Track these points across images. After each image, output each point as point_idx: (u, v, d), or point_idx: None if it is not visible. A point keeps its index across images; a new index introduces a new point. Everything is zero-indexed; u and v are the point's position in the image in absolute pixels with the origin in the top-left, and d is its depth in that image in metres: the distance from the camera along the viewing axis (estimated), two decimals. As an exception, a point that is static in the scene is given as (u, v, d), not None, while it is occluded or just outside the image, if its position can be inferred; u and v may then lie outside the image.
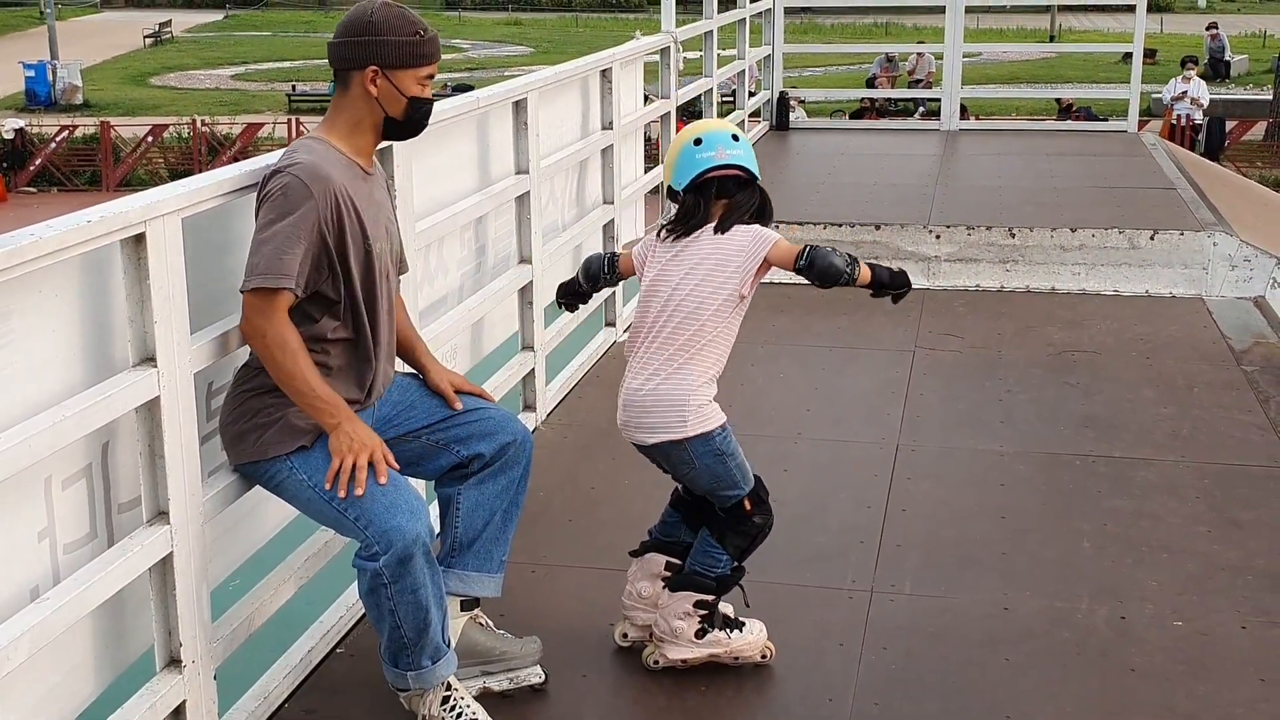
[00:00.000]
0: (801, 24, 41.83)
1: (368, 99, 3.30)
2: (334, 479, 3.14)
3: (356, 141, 3.34)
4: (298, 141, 3.33)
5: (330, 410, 3.17)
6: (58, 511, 2.88)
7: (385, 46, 3.27)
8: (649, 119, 7.49)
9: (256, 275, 3.07)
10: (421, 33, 3.32)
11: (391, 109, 3.32)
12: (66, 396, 2.78)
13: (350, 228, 3.21)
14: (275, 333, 3.10)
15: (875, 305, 3.77)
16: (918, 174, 9.63)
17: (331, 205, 3.16)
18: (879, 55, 30.25)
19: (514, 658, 3.60)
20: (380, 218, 3.37)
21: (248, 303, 3.10)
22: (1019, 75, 34.24)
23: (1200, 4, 55.70)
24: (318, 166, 3.17)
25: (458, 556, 3.54)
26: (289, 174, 3.13)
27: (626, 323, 6.77)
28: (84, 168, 25.34)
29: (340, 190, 3.18)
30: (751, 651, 3.73)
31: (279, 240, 3.08)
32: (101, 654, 3.06)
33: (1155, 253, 7.53)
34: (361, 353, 3.32)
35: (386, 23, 3.28)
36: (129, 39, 45.38)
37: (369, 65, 3.28)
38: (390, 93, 3.30)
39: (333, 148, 3.28)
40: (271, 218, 3.10)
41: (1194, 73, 23.04)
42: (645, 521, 4.63)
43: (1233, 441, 5.36)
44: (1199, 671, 3.72)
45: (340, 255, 3.20)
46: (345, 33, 3.32)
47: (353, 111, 3.32)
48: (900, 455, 5.24)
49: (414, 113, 3.36)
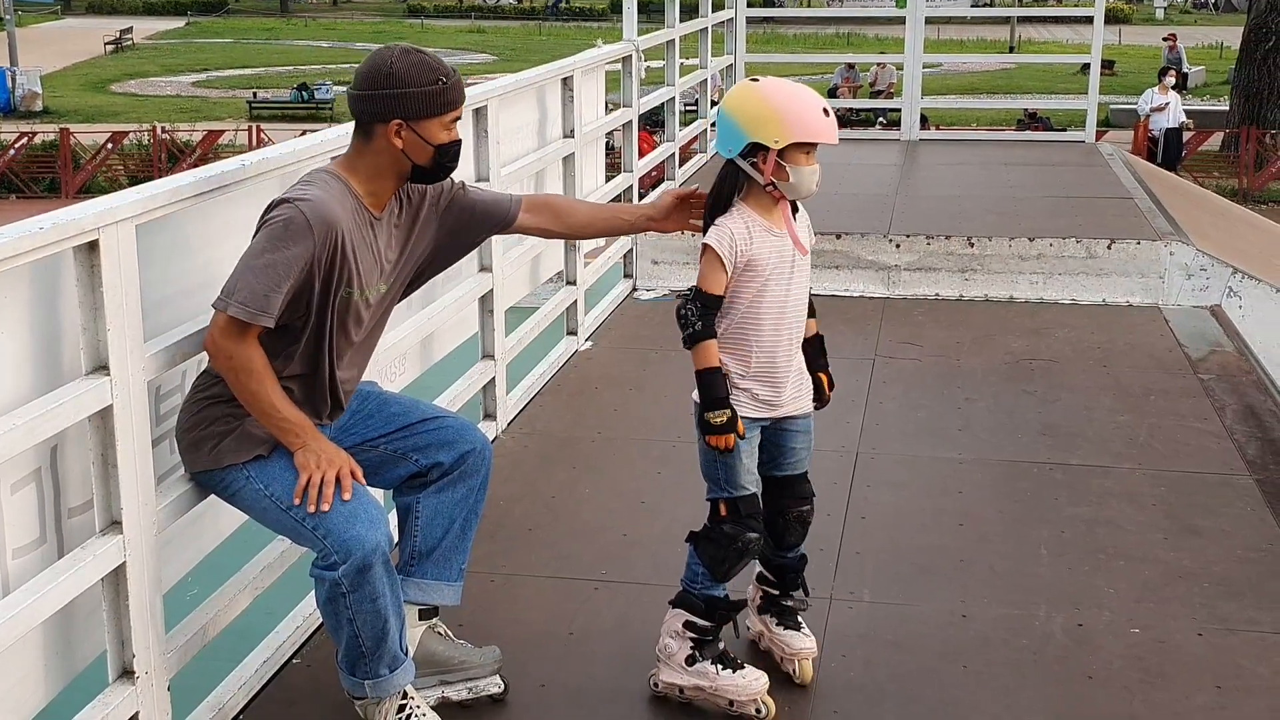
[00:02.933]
0: (764, 34, 42.02)
1: (392, 150, 3.22)
2: (302, 494, 3.11)
3: (375, 186, 3.27)
4: (315, 173, 3.25)
5: (295, 430, 3.14)
6: (6, 516, 2.84)
7: (408, 99, 3.18)
8: (611, 127, 7.49)
9: (236, 302, 3.01)
10: (444, 79, 3.22)
11: (419, 159, 3.24)
12: (17, 404, 2.75)
13: (339, 274, 3.15)
14: (242, 356, 3.06)
15: (835, 313, 3.78)
16: (878, 183, 9.66)
17: (330, 248, 3.10)
18: (840, 65, 30.40)
19: (473, 667, 3.58)
20: (378, 260, 3.30)
21: (219, 322, 3.05)
22: (979, 86, 34.50)
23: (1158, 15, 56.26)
24: (327, 206, 3.10)
25: (417, 565, 3.52)
26: (296, 207, 3.07)
27: (589, 331, 6.77)
28: (43, 175, 25.14)
29: (344, 235, 3.13)
30: (741, 697, 3.49)
31: (269, 275, 3.02)
32: (51, 662, 3.02)
33: (1112, 262, 7.58)
34: (317, 387, 3.27)
35: (407, 74, 3.18)
36: (90, 46, 45.11)
37: (392, 119, 3.19)
38: (416, 144, 3.22)
39: (348, 189, 3.22)
40: (266, 247, 3.05)
41: (1171, 82, 23.20)
42: (605, 532, 4.64)
43: (1189, 449, 5.40)
44: (1156, 679, 3.73)
45: (321, 298, 3.15)
46: (365, 85, 3.21)
47: (375, 160, 3.24)
48: (860, 463, 5.25)
49: (442, 158, 3.28)
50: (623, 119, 7.56)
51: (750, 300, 3.43)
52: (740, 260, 3.40)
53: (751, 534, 3.46)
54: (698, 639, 3.52)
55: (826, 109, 3.37)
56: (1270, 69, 24.53)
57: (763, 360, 3.46)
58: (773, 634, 3.72)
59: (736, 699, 3.50)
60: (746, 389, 3.46)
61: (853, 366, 6.41)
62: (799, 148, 3.35)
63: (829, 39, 45.24)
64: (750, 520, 3.46)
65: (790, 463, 3.60)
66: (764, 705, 3.52)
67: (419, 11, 59.14)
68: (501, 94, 5.43)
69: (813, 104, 3.36)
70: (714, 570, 3.48)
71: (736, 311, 3.44)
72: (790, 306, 3.49)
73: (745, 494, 3.47)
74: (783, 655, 3.69)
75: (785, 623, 3.71)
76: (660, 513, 4.74)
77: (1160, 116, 22.60)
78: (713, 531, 3.49)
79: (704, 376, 3.39)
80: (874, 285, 7.74)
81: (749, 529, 3.45)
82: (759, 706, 3.51)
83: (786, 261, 3.46)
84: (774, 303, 3.45)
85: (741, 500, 3.46)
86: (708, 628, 3.52)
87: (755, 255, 3.41)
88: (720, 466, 3.45)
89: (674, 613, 3.58)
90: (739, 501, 3.46)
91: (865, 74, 30.01)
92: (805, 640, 3.68)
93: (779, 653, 3.71)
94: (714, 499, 3.50)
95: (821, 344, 3.66)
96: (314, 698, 3.60)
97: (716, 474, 3.47)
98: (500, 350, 5.49)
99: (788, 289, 3.47)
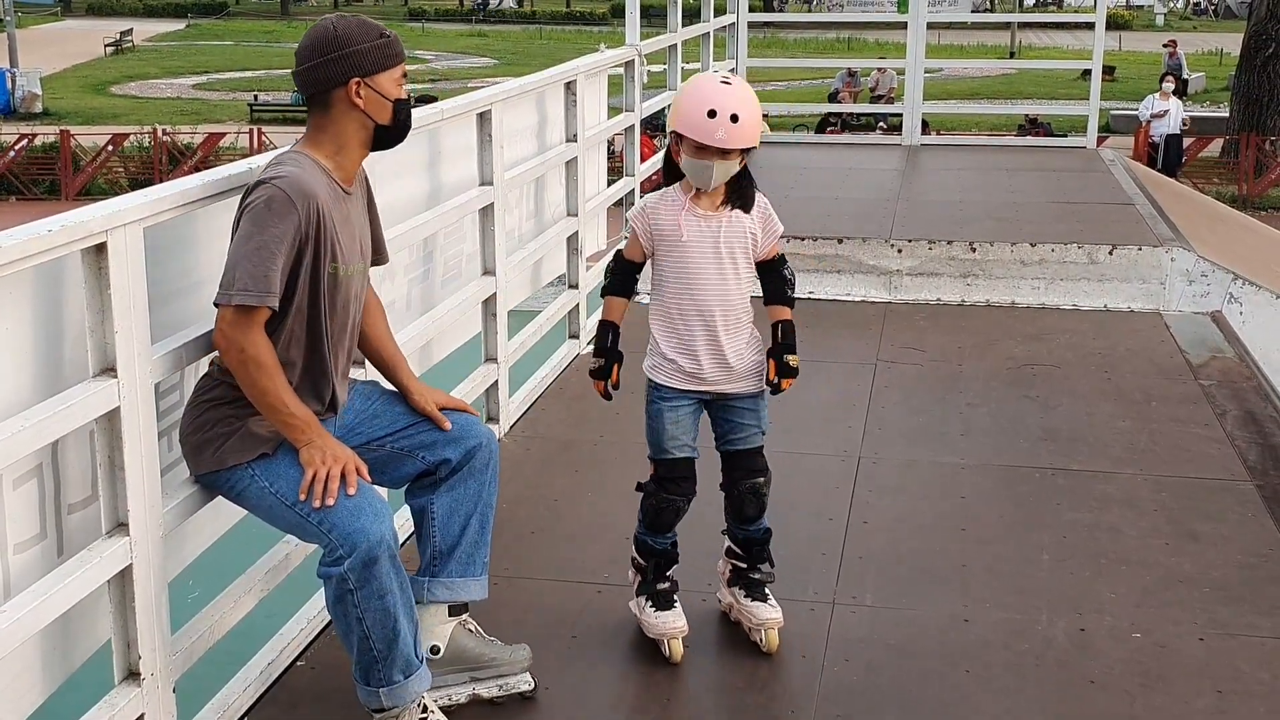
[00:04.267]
0: (765, 38, 42.03)
1: (353, 113, 3.26)
2: (307, 489, 3.11)
3: (342, 160, 3.31)
4: (282, 153, 3.29)
5: (302, 427, 3.15)
6: (8, 511, 2.85)
7: (360, 55, 3.24)
8: (613, 131, 7.50)
9: (238, 290, 3.03)
10: (385, 34, 3.31)
11: (379, 116, 3.29)
12: (22, 406, 2.76)
13: (324, 248, 3.18)
14: (253, 349, 3.07)
15: (837, 318, 3.82)
16: (879, 188, 9.67)
17: (313, 222, 3.13)
18: (841, 70, 30.41)
19: (503, 664, 3.59)
20: (356, 237, 3.34)
21: (225, 317, 3.06)
22: (980, 91, 34.52)
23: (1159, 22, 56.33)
24: (303, 181, 3.13)
25: (440, 564, 3.52)
26: (274, 186, 3.09)
27: (591, 334, 6.76)
28: (43, 176, 25.14)
29: (323, 208, 3.15)
30: (650, 634, 3.81)
31: (262, 255, 3.04)
32: (49, 659, 3.03)
33: (1114, 267, 7.60)
34: (318, 369, 3.29)
35: (352, 32, 3.26)
36: (90, 47, 45.14)
37: (350, 78, 3.24)
38: (375, 100, 3.27)
39: (318, 165, 3.25)
40: (252, 229, 3.06)
41: (1171, 88, 23.19)
42: (608, 533, 4.64)
43: (1190, 455, 5.41)
44: (1156, 683, 3.75)
45: (310, 274, 3.17)
46: (313, 54, 3.27)
47: (336, 130, 3.28)
48: (861, 468, 5.26)
49: (400, 114, 3.34)
50: (625, 123, 7.58)
51: (668, 275, 3.73)
52: (651, 232, 3.71)
53: (667, 495, 3.76)
54: (639, 577, 3.86)
55: (714, 110, 3.53)
56: (1270, 76, 24.54)
57: (682, 333, 3.72)
58: (740, 605, 3.91)
59: (649, 634, 3.83)
60: (672, 360, 3.74)
61: (854, 371, 6.42)
62: (690, 140, 3.57)
63: (830, 44, 45.28)
64: (668, 483, 3.76)
65: (739, 438, 3.81)
66: (668, 647, 3.79)
67: (420, 15, 59.21)
68: (505, 98, 5.44)
69: (703, 102, 3.55)
70: (647, 522, 3.82)
71: (661, 284, 3.75)
72: (706, 286, 3.70)
73: (666, 458, 3.76)
74: (750, 626, 3.88)
75: (753, 594, 3.90)
76: (662, 516, 4.74)
77: (1160, 122, 22.60)
78: (645, 487, 3.81)
79: (598, 326, 3.85)
80: (876, 290, 7.75)
81: (667, 492, 3.76)
82: (666, 648, 3.79)
83: (707, 242, 3.68)
84: (686, 280, 3.70)
85: (664, 463, 3.76)
86: (645, 567, 3.84)
87: (663, 230, 3.70)
88: (649, 430, 3.78)
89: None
90: (659, 464, 3.77)
91: (866, 79, 30.02)
92: (771, 611, 3.86)
93: (747, 623, 3.90)
94: (649, 458, 3.81)
95: (780, 330, 3.81)
96: (318, 700, 3.61)
97: (649, 437, 3.79)
98: (503, 353, 5.50)
99: (700, 268, 3.69)
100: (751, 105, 3.57)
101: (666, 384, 3.75)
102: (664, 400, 3.75)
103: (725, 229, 3.68)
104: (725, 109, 3.51)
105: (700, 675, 3.76)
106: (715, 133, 3.52)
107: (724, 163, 3.57)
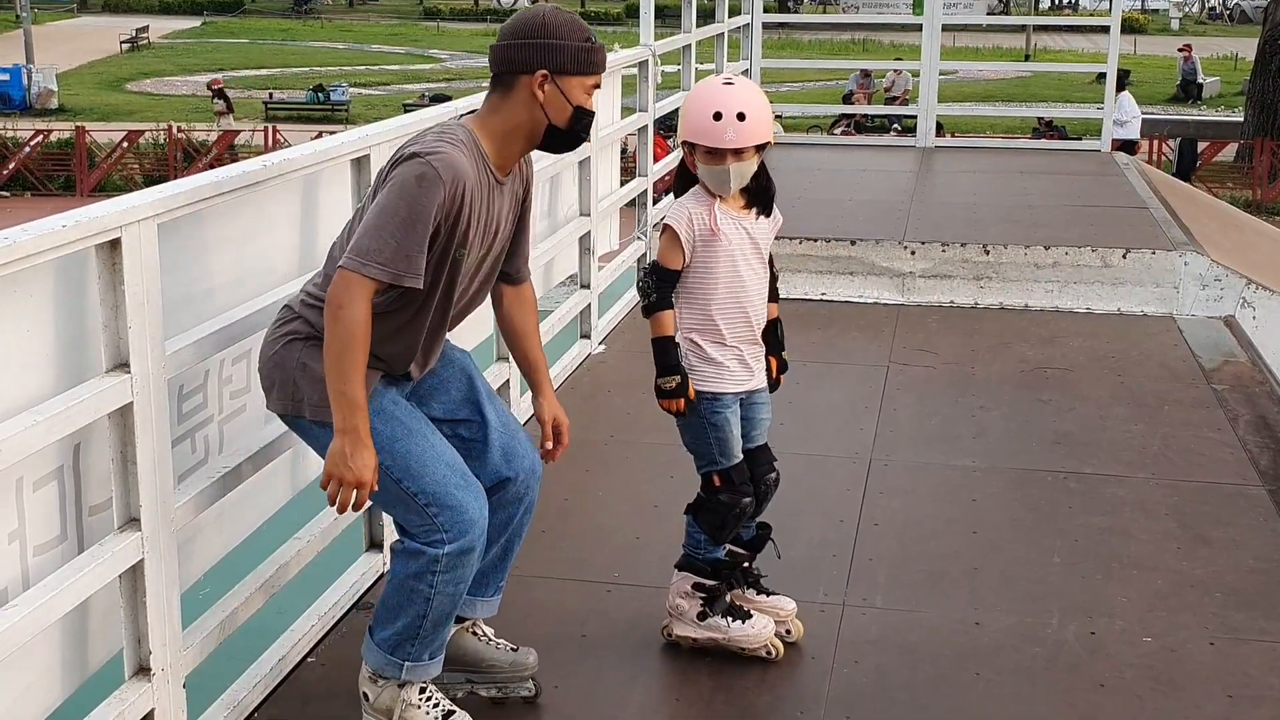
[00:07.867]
0: (780, 39, 42.00)
1: (531, 104, 3.18)
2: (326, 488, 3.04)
3: (504, 147, 3.21)
4: (446, 125, 3.18)
5: (347, 413, 2.99)
6: (28, 513, 2.85)
7: (559, 50, 3.17)
8: (626, 132, 7.50)
9: (375, 263, 2.95)
10: (593, 40, 3.23)
11: (556, 117, 3.20)
12: (38, 401, 2.77)
13: (458, 233, 3.09)
14: (353, 315, 2.96)
15: (849, 319, 3.82)
16: (893, 190, 9.67)
17: (456, 205, 3.04)
18: (855, 71, 30.40)
19: (502, 673, 3.55)
20: (494, 229, 3.24)
21: (351, 281, 2.96)
22: (994, 93, 34.48)
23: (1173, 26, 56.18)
24: (458, 163, 3.04)
25: None
26: (428, 161, 3.01)
27: (602, 334, 6.78)
28: (58, 172, 25.25)
29: (469, 193, 3.07)
30: (753, 644, 3.77)
31: (410, 233, 2.97)
32: (68, 658, 3.04)
33: (1127, 271, 7.58)
34: (406, 344, 3.19)
35: (560, 27, 3.18)
36: (105, 44, 45.27)
37: (539, 69, 3.15)
38: (557, 99, 3.19)
39: (478, 147, 3.15)
40: (398, 204, 2.98)
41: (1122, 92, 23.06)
42: (618, 533, 4.65)
43: (1202, 459, 5.39)
44: (1167, 688, 3.74)
45: (438, 256, 3.08)
46: (515, 34, 3.20)
47: (510, 116, 3.19)
48: (873, 470, 5.26)
49: (577, 123, 3.24)
50: (638, 123, 7.58)
51: (710, 279, 3.64)
52: (695, 239, 3.61)
53: (746, 499, 3.70)
54: (707, 598, 3.76)
55: (719, 113, 3.51)
56: (1285, 81, 24.50)
57: (727, 336, 3.67)
58: (758, 603, 3.88)
59: (748, 646, 3.78)
60: (722, 364, 3.68)
61: (866, 373, 6.42)
62: (702, 147, 3.56)
63: (844, 45, 45.23)
64: (744, 486, 3.71)
65: (757, 434, 3.81)
66: (773, 648, 3.79)
67: (435, 14, 59.26)
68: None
69: (707, 106, 3.53)
70: (714, 536, 3.74)
71: (700, 289, 3.66)
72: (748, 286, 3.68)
73: (738, 462, 3.71)
74: (778, 620, 3.86)
75: (765, 590, 3.91)
76: (672, 515, 4.71)
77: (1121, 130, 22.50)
78: (709, 501, 3.72)
79: (656, 344, 3.64)
80: (888, 292, 7.74)
81: (744, 494, 3.70)
82: (769, 649, 3.78)
83: (746, 243, 3.66)
84: (729, 281, 3.65)
85: (734, 469, 3.70)
86: (715, 586, 3.77)
87: (707, 235, 3.62)
88: (713, 440, 3.69)
89: (680, 575, 3.82)
90: (732, 470, 3.70)
91: (881, 80, 29.99)
92: (791, 601, 3.91)
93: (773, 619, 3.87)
94: (707, 471, 3.72)
95: (774, 328, 3.81)
96: (328, 697, 3.61)
97: (708, 448, 3.70)
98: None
99: (741, 269, 3.66)
100: (758, 101, 3.56)
101: (725, 391, 3.67)
102: (726, 407, 3.67)
103: (755, 228, 3.69)
104: (730, 109, 3.50)
105: (709, 676, 3.76)
106: (724, 134, 3.50)
107: (739, 164, 3.55)
